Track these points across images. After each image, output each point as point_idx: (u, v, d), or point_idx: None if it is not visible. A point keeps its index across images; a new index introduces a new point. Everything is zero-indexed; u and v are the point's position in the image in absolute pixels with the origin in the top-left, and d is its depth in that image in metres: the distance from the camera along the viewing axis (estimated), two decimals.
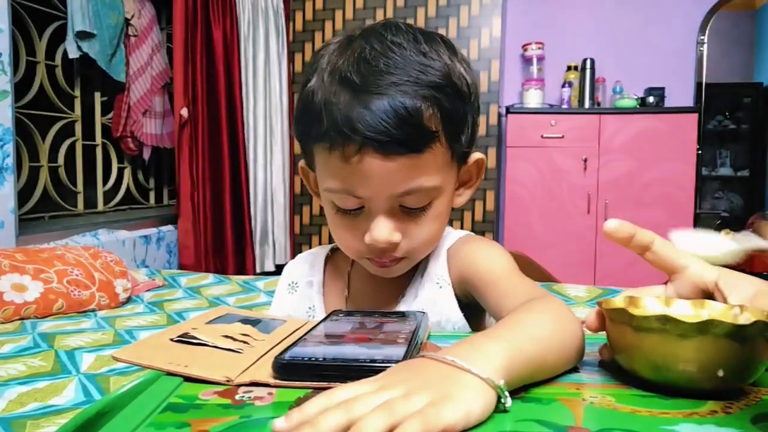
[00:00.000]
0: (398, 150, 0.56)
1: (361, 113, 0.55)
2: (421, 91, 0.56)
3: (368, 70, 0.56)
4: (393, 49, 0.58)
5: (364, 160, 0.56)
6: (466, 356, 0.36)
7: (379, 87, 0.55)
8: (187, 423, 0.34)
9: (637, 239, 0.50)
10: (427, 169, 0.59)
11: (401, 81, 0.56)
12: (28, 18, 2.50)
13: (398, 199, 0.60)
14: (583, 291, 1.78)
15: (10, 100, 2.18)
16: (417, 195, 0.60)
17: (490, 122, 3.21)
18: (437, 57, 0.59)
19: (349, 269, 0.76)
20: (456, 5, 3.20)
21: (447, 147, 0.60)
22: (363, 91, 0.56)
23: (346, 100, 0.56)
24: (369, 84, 0.56)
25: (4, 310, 1.59)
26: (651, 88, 3.35)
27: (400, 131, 0.55)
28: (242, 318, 0.58)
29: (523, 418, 0.35)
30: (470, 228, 3.28)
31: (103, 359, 1.28)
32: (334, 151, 0.57)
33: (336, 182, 0.60)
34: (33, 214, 2.53)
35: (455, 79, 0.59)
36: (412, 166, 0.58)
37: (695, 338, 0.38)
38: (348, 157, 0.57)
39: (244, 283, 2.16)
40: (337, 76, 0.58)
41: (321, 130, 0.58)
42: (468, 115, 0.62)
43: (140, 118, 3.01)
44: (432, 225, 0.63)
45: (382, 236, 0.60)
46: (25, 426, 0.96)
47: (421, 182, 0.59)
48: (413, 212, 0.62)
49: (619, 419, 0.35)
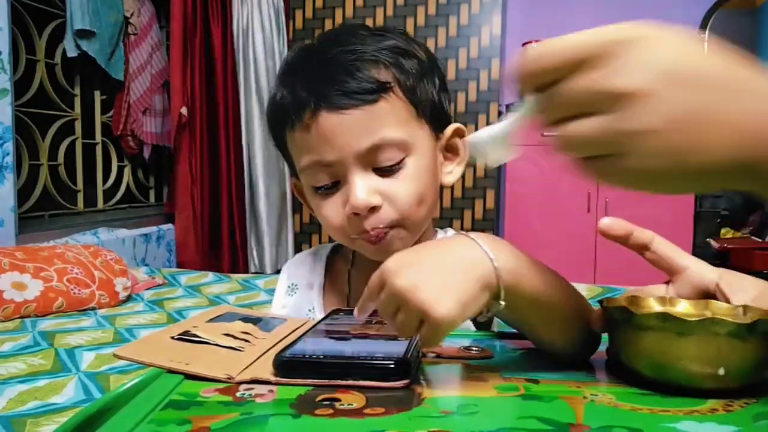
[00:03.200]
0: (351, 102, 0.57)
1: (311, 80, 0.59)
2: (371, 53, 0.60)
3: (319, 53, 0.62)
4: (344, 34, 0.63)
5: (320, 121, 0.58)
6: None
7: (330, 56, 0.60)
8: (188, 420, 0.34)
9: (635, 238, 0.49)
10: (387, 120, 0.59)
11: (351, 49, 0.60)
12: (27, 16, 2.50)
13: (367, 157, 0.59)
14: (584, 290, 1.78)
15: (10, 98, 2.18)
16: (385, 150, 0.59)
17: (490, 121, 3.21)
18: (390, 35, 0.63)
19: (350, 268, 0.75)
20: (456, 3, 3.20)
21: (405, 101, 0.61)
22: (313, 64, 0.61)
23: (298, 77, 0.61)
24: (319, 57, 0.61)
25: (4, 308, 1.59)
26: None
27: (351, 84, 0.57)
28: (243, 316, 0.58)
29: (524, 415, 0.35)
30: (470, 227, 3.28)
31: (103, 357, 1.29)
32: (296, 125, 0.60)
33: (305, 157, 0.61)
34: (33, 212, 2.53)
35: (407, 47, 0.63)
36: (370, 119, 0.58)
37: (695, 336, 0.38)
38: (307, 124, 0.59)
39: (244, 282, 2.16)
40: (290, 67, 0.64)
41: (283, 113, 0.62)
42: (426, 78, 0.64)
43: (140, 117, 3.01)
44: (411, 184, 0.61)
45: (360, 199, 0.58)
46: (25, 424, 0.96)
47: (383, 134, 0.59)
48: (387, 172, 0.60)
49: (619, 417, 0.35)
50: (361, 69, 0.58)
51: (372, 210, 0.60)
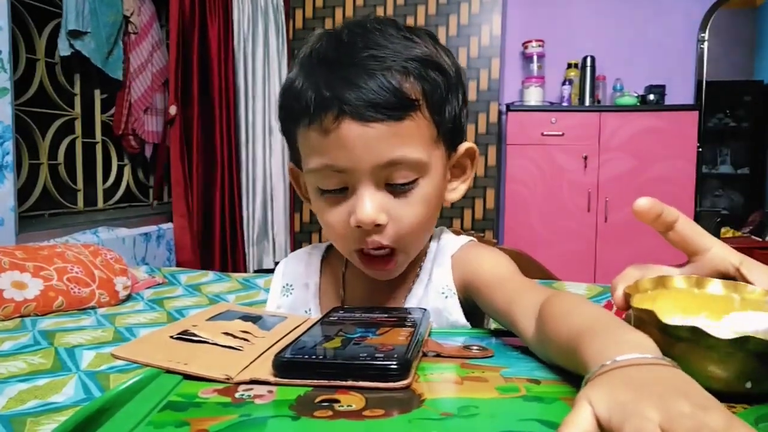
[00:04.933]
0: (376, 116, 0.55)
1: (337, 82, 0.56)
2: (401, 63, 0.57)
3: (348, 48, 0.58)
4: (373, 31, 0.59)
5: (342, 128, 0.55)
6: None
7: (358, 59, 0.56)
8: (187, 422, 0.34)
9: (663, 217, 0.48)
10: (410, 140, 0.57)
11: (380, 55, 0.56)
12: (27, 15, 2.50)
13: (382, 172, 0.57)
14: (584, 289, 1.78)
15: (10, 97, 2.17)
16: (401, 168, 0.58)
17: (490, 120, 3.20)
18: (420, 41, 0.60)
19: (344, 270, 0.73)
20: (456, 3, 3.19)
21: (430, 120, 0.59)
22: (340, 64, 0.57)
23: (323, 73, 0.57)
24: (347, 57, 0.57)
25: (4, 307, 1.59)
26: (651, 86, 3.35)
27: (378, 97, 0.55)
28: (242, 315, 0.57)
29: (525, 417, 0.35)
30: (470, 226, 3.28)
31: (103, 357, 1.28)
32: (314, 125, 0.57)
33: (317, 158, 0.59)
34: (33, 211, 2.53)
35: (436, 58, 0.60)
36: (393, 135, 0.56)
37: (725, 353, 0.36)
38: (327, 127, 0.56)
39: (244, 281, 2.16)
40: (316, 58, 0.59)
41: (300, 107, 0.58)
42: (451, 95, 0.61)
43: (141, 116, 3.00)
44: (419, 208, 0.60)
45: (367, 214, 0.57)
46: (25, 423, 0.96)
47: (404, 152, 0.57)
48: (399, 190, 0.59)
49: None
50: (391, 81, 0.55)
51: (377, 227, 0.59)
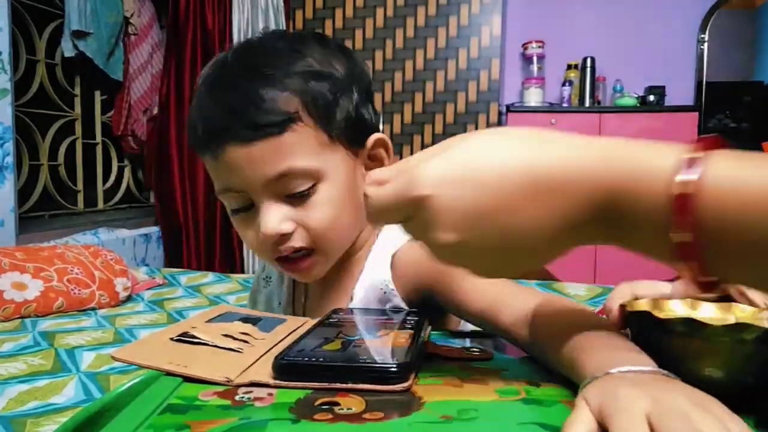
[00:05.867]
0: (256, 135, 0.57)
1: (218, 109, 0.59)
2: (280, 79, 0.58)
3: (228, 71, 0.61)
4: (258, 49, 0.62)
5: (228, 152, 0.58)
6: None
7: (237, 83, 0.59)
8: (187, 425, 0.34)
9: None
10: (295, 150, 0.58)
11: (258, 75, 0.58)
12: (27, 16, 2.50)
13: (276, 185, 0.59)
14: (583, 290, 1.78)
15: (10, 98, 2.18)
16: (292, 178, 0.59)
17: (490, 121, 3.20)
18: (306, 51, 0.61)
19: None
20: (456, 4, 3.19)
21: (316, 128, 0.60)
22: (221, 89, 0.60)
23: (208, 103, 0.60)
24: (227, 81, 0.60)
25: (5, 308, 1.59)
26: (651, 87, 3.34)
27: (255, 117, 0.57)
28: (242, 316, 0.57)
29: (524, 420, 0.35)
30: None
31: (103, 358, 1.28)
32: (207, 154, 0.61)
33: (217, 183, 0.63)
34: (33, 212, 2.53)
35: (320, 67, 0.61)
36: (276, 149, 0.58)
37: (723, 343, 0.36)
38: (215, 154, 0.59)
39: (244, 282, 2.16)
40: (203, 86, 0.63)
41: (196, 138, 0.61)
42: (341, 97, 0.62)
43: (141, 117, 3.01)
44: (325, 210, 0.61)
45: (270, 226, 0.59)
46: (25, 424, 0.96)
47: (289, 164, 0.58)
48: (298, 198, 0.60)
49: None
50: (266, 99, 0.57)
51: (284, 236, 0.60)
